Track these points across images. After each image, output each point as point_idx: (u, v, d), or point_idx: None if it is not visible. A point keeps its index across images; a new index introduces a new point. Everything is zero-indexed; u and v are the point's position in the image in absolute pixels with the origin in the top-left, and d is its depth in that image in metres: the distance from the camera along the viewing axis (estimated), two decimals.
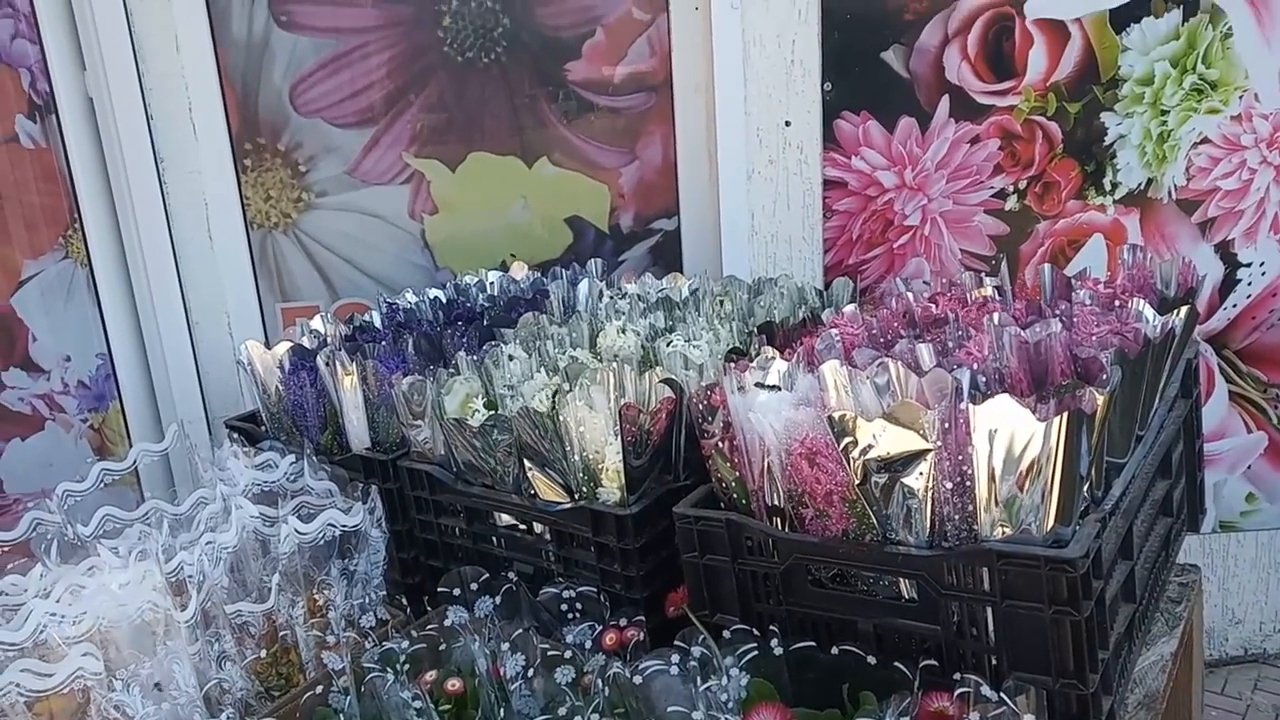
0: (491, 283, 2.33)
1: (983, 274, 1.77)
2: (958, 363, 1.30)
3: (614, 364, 1.53)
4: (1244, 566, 2.80)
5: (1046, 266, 1.66)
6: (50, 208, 2.50)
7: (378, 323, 2.15)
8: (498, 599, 1.45)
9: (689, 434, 1.48)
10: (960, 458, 1.12)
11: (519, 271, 2.40)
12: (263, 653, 1.46)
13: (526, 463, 1.52)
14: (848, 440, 1.15)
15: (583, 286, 2.16)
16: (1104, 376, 1.17)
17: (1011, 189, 2.57)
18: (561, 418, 1.45)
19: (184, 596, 1.43)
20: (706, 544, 1.31)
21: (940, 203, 2.57)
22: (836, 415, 1.15)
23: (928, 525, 1.15)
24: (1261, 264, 2.59)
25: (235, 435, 1.96)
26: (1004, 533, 1.12)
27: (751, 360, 1.45)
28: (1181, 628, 1.45)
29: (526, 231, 2.69)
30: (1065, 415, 1.07)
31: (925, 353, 1.34)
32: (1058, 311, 1.47)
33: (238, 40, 2.54)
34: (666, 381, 1.49)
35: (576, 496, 1.48)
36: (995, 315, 1.39)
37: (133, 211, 2.53)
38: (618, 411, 1.42)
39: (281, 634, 1.51)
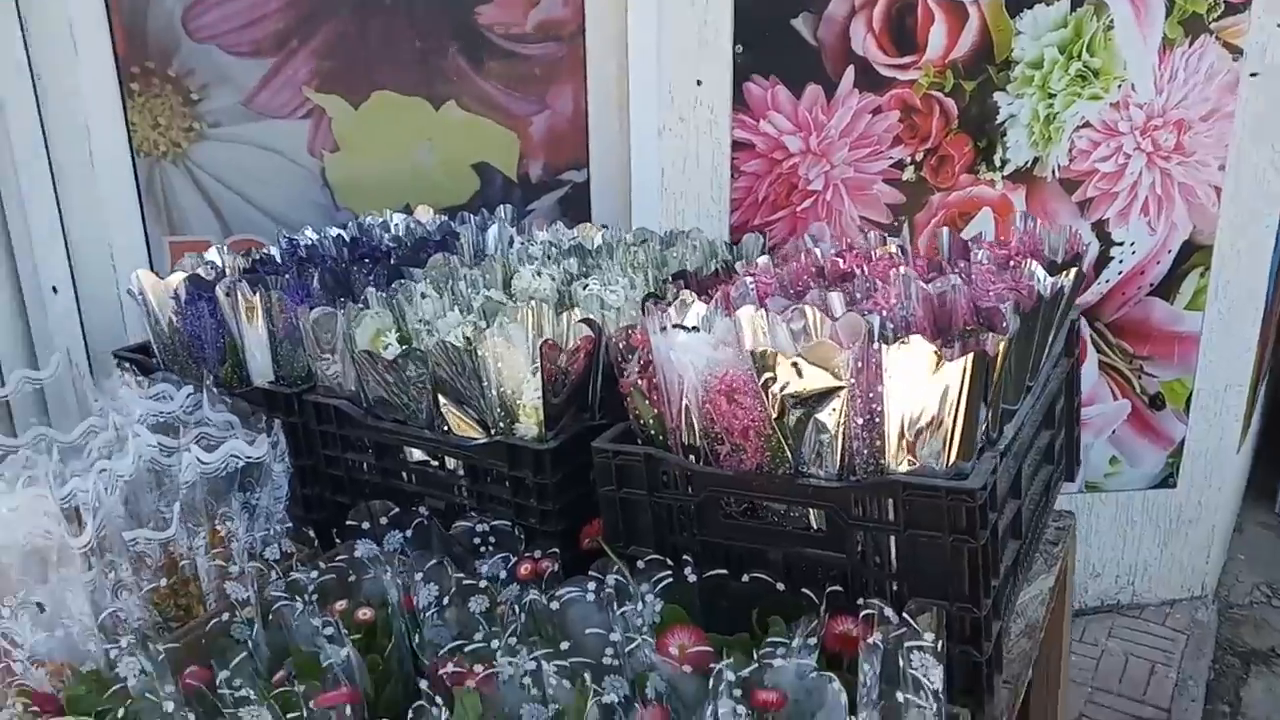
0: (396, 224, 2.29)
1: (885, 235, 1.84)
2: (867, 310, 1.36)
3: (532, 303, 1.54)
4: (1104, 524, 3.01)
5: (945, 229, 1.74)
6: None
7: (278, 257, 2.09)
8: (408, 533, 1.44)
9: (606, 374, 1.50)
10: (871, 396, 1.18)
11: (424, 215, 2.36)
12: (162, 582, 1.42)
13: (441, 398, 1.51)
14: (768, 375, 1.19)
15: (492, 232, 2.15)
16: (1004, 324, 1.25)
17: (909, 160, 2.67)
18: (480, 353, 1.44)
19: (75, 524, 1.38)
20: (624, 478, 1.34)
21: (842, 169, 2.65)
22: (759, 351, 1.19)
23: (838, 459, 1.21)
24: (1132, 244, 2.77)
25: (127, 366, 1.88)
26: (909, 467, 1.18)
27: (669, 304, 1.48)
28: (1058, 567, 1.57)
29: (431, 175, 2.65)
30: (970, 356, 1.13)
31: (836, 301, 1.39)
32: (957, 269, 1.55)
33: None
34: (585, 321, 1.51)
35: (493, 432, 1.48)
36: (901, 269, 1.45)
37: (6, 131, 2.37)
38: (538, 348, 1.43)
39: (181, 564, 1.47)
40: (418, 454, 1.59)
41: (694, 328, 1.36)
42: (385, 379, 1.54)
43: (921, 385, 1.16)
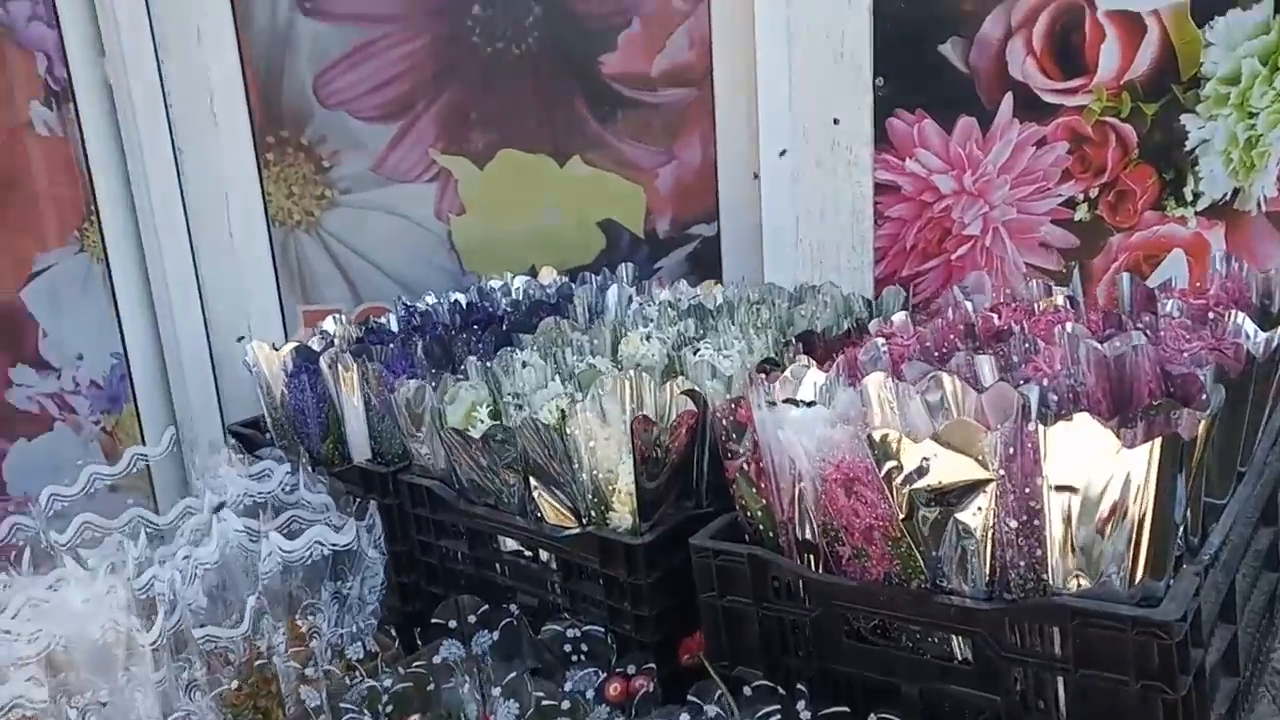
0: (517, 287, 2.20)
1: (1050, 284, 1.58)
2: (1024, 378, 1.12)
3: (631, 373, 1.38)
4: None
5: (1126, 275, 1.48)
6: (65, 199, 2.42)
7: (394, 325, 2.03)
8: (495, 634, 1.29)
9: (713, 454, 1.31)
10: (1028, 490, 0.94)
11: (547, 276, 2.26)
12: (234, 683, 1.32)
13: (533, 481, 1.36)
14: (891, 465, 0.97)
15: (611, 292, 2.02)
16: (1203, 397, 0.98)
17: (1082, 197, 2.37)
18: (570, 431, 1.29)
19: (155, 616, 1.30)
20: (727, 582, 1.14)
21: (1003, 210, 2.38)
22: (878, 435, 0.98)
23: (986, 572, 0.97)
24: None
25: (233, 442, 1.84)
26: (1080, 584, 0.93)
27: (784, 371, 1.28)
28: None
29: (557, 235, 2.55)
30: (1158, 441, 0.88)
31: (986, 366, 1.16)
32: (1140, 324, 1.28)
33: (261, 27, 2.44)
34: (688, 393, 1.33)
35: (585, 521, 1.32)
36: (1068, 325, 1.20)
37: (150, 205, 2.44)
38: (630, 424, 1.26)
39: (259, 663, 1.37)
40: (511, 543, 1.45)
41: (810, 401, 1.16)
42: (477, 462, 1.41)
43: (1094, 478, 0.91)
